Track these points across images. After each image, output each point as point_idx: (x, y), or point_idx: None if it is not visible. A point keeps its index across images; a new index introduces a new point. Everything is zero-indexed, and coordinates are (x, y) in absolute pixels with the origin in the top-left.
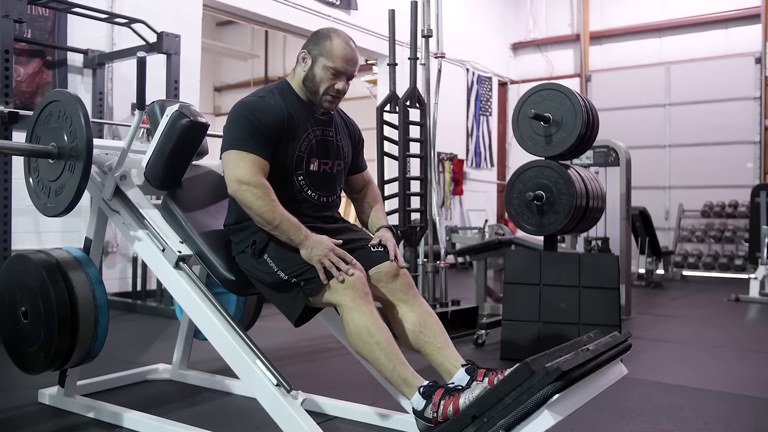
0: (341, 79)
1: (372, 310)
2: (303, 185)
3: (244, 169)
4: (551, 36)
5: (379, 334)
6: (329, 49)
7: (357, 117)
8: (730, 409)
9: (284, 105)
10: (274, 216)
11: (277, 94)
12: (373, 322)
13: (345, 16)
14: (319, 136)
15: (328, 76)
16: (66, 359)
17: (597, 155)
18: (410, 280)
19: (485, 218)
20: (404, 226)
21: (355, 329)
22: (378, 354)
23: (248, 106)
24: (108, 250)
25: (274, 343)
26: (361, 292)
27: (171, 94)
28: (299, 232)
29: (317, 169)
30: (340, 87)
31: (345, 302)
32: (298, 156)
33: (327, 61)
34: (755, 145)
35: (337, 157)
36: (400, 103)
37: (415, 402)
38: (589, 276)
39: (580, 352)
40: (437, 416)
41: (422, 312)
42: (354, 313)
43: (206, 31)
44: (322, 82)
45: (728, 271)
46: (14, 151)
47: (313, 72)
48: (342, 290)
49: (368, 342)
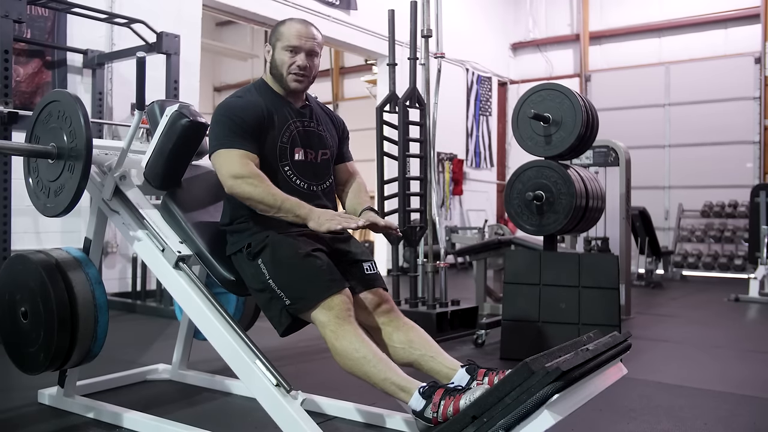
0: (299, 55)
1: (355, 327)
2: (290, 175)
3: (236, 164)
4: (551, 36)
5: (364, 348)
6: (282, 32)
7: (357, 117)
8: (730, 409)
9: (262, 100)
10: (275, 198)
11: (254, 92)
12: (356, 338)
13: (345, 16)
14: (300, 127)
15: (287, 55)
16: (65, 359)
17: (597, 155)
18: (392, 304)
19: (485, 218)
20: (404, 226)
21: (341, 348)
22: (366, 368)
23: (227, 106)
24: (108, 251)
25: (273, 343)
26: (344, 315)
27: (171, 94)
28: (302, 208)
29: (303, 158)
30: (300, 62)
31: (327, 324)
32: (281, 147)
33: (282, 42)
34: (755, 145)
35: (321, 146)
36: (400, 103)
37: (414, 403)
38: (589, 276)
39: (580, 352)
40: (437, 416)
41: (407, 330)
42: (336, 334)
43: (206, 31)
44: (283, 63)
45: (728, 271)
46: (14, 151)
47: (274, 57)
48: (325, 312)
49: (354, 358)
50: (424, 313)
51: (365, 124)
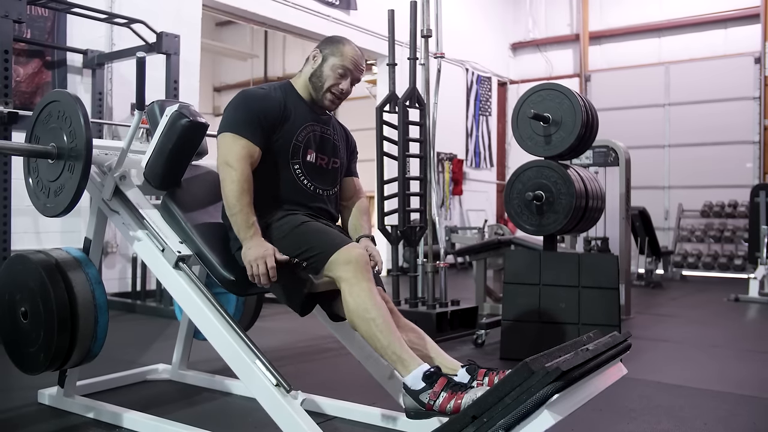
0: (346, 80)
1: (372, 287)
2: (299, 174)
3: (234, 153)
4: (551, 36)
5: (376, 311)
6: (341, 50)
7: (357, 117)
8: (729, 409)
9: (284, 99)
10: (236, 203)
11: (279, 90)
12: (371, 299)
13: (344, 16)
14: (317, 132)
15: (336, 74)
16: (65, 359)
17: (596, 155)
18: (391, 305)
19: (485, 218)
20: (404, 226)
21: (354, 304)
22: (374, 330)
23: (249, 93)
24: (107, 251)
25: (273, 343)
26: (363, 268)
27: (170, 94)
28: (248, 230)
29: (314, 161)
30: (344, 87)
31: (346, 276)
32: (295, 144)
33: (337, 59)
34: (754, 144)
35: (334, 154)
36: (400, 103)
37: (410, 381)
38: (589, 276)
39: (580, 352)
40: (434, 404)
41: (408, 330)
42: (354, 288)
43: (205, 31)
44: (329, 78)
45: (728, 271)
46: (14, 151)
47: (322, 69)
48: (344, 265)
49: (365, 318)
50: (423, 313)
51: (365, 124)
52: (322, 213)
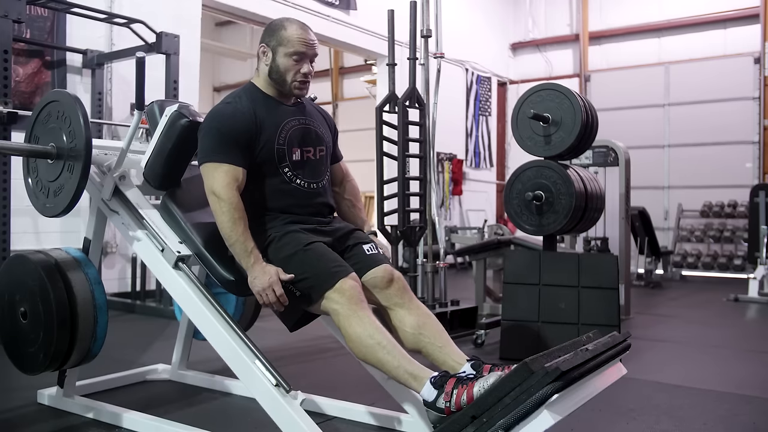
0: (305, 62)
1: (368, 314)
2: (290, 176)
3: (217, 182)
4: (550, 36)
5: (379, 335)
6: (286, 37)
7: (356, 117)
8: (729, 409)
9: (252, 107)
10: (231, 234)
11: (244, 97)
12: (370, 324)
13: (344, 16)
14: (295, 126)
15: (292, 62)
16: (65, 359)
17: (596, 155)
18: (404, 283)
19: (484, 218)
20: (403, 226)
21: (354, 335)
22: (381, 354)
23: (215, 115)
24: (107, 251)
25: (273, 344)
26: (356, 299)
27: (170, 94)
28: (249, 258)
29: (300, 158)
30: (306, 70)
31: (341, 310)
32: (279, 150)
33: (286, 48)
34: (754, 145)
35: (318, 143)
36: (400, 103)
37: (425, 393)
38: (589, 276)
39: (580, 352)
40: (450, 405)
41: (420, 314)
42: (350, 320)
43: (205, 31)
44: (288, 70)
45: (727, 271)
46: (13, 151)
47: (276, 62)
48: (337, 299)
49: (369, 344)
50: None
51: (365, 124)
52: (322, 210)
